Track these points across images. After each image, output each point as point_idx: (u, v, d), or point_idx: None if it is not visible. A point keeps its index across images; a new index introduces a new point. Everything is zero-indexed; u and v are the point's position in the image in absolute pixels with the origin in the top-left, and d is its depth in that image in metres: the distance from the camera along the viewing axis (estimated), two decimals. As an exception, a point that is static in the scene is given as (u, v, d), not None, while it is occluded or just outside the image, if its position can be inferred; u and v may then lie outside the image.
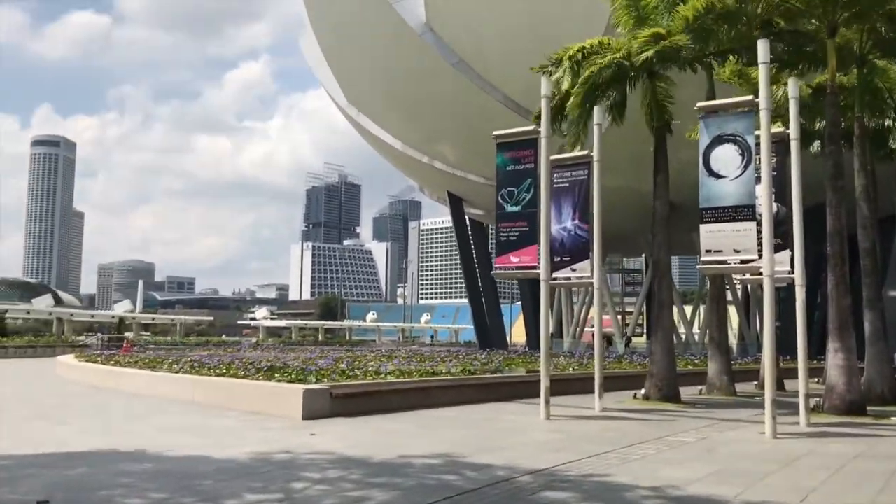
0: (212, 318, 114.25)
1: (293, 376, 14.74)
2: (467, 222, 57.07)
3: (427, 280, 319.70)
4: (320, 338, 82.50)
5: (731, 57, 17.44)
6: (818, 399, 15.69)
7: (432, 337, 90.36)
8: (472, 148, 45.31)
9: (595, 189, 16.00)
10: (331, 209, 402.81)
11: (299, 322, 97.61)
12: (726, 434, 12.13)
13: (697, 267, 12.49)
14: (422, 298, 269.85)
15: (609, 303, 64.60)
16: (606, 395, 19.00)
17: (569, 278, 16.12)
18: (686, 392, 20.79)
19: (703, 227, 12.50)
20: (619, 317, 69.11)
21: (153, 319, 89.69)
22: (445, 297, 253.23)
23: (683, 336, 63.03)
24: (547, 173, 14.00)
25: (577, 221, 15.97)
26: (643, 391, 17.67)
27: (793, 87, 14.00)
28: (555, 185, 16.38)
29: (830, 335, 15.60)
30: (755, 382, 23.82)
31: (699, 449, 10.36)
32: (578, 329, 66.08)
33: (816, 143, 24.05)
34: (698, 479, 7.85)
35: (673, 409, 16.02)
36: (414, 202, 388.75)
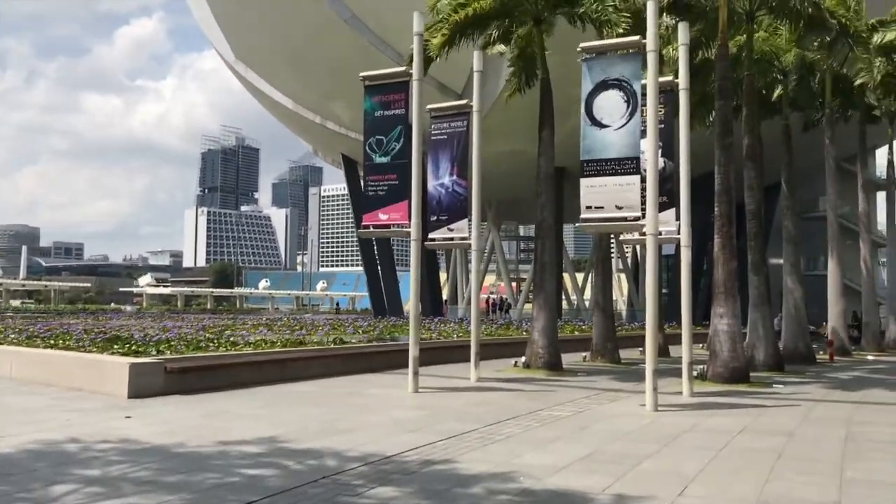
0: (89, 285, 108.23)
1: (129, 348, 12.92)
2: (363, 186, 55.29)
3: (329, 248, 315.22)
4: (209, 306, 79.23)
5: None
6: (703, 366, 15.07)
7: (338, 305, 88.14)
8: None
9: (475, 142, 14.72)
10: (228, 173, 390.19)
11: (187, 289, 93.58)
12: (605, 407, 11.16)
13: (577, 225, 11.41)
14: (323, 266, 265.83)
15: (503, 269, 64.36)
16: (490, 363, 18.00)
17: (447, 239, 14.84)
18: (570, 359, 19.99)
19: (584, 181, 11.37)
20: (514, 284, 69.20)
21: (23, 286, 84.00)
22: (348, 265, 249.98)
23: (575, 303, 63.55)
24: (420, 120, 12.57)
25: (455, 177, 14.67)
26: (524, 359, 16.68)
27: (683, 34, 13.03)
28: (432, 137, 15.02)
29: (715, 299, 14.94)
30: (641, 349, 23.34)
31: (573, 426, 9.28)
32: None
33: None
34: (564, 467, 6.69)
35: (553, 378, 15.07)
36: (315, 168, 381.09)
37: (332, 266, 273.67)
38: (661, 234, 12.90)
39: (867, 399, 12.39)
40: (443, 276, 75.31)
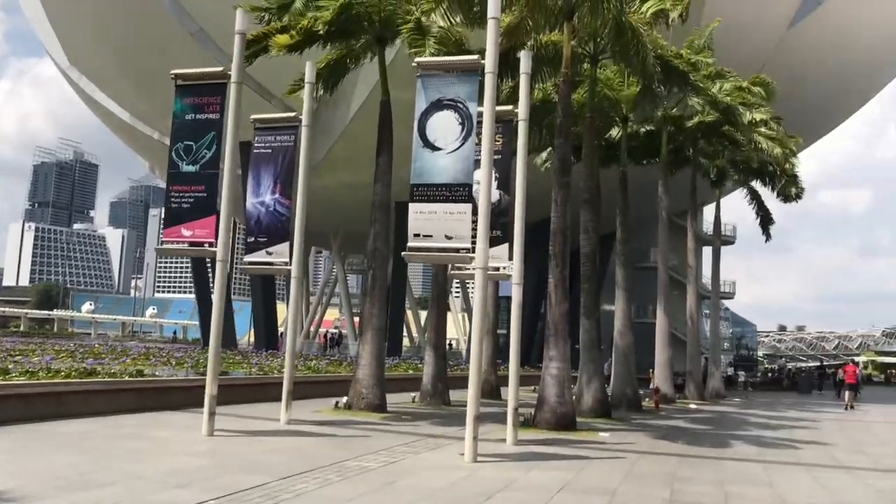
0: None
1: None
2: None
3: (167, 273, 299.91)
4: (23, 328, 72.25)
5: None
6: (531, 411, 14.42)
7: (175, 334, 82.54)
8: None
9: (302, 158, 13.50)
10: (62, 188, 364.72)
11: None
12: (421, 457, 10.10)
13: (403, 254, 10.45)
14: (160, 292, 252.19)
15: (346, 303, 62.81)
16: (312, 402, 16.62)
17: (265, 263, 13.46)
18: (399, 399, 18.96)
19: (413, 207, 10.43)
20: (358, 319, 67.76)
21: None
22: (187, 292, 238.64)
23: (417, 340, 62.86)
24: (235, 127, 11.22)
25: (277, 196, 13.37)
26: (345, 399, 15.43)
27: (525, 63, 12.50)
28: (255, 151, 13.68)
29: (546, 342, 14.38)
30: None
31: (378, 480, 8.14)
32: (314, 327, 63.62)
33: (545, 154, 23.66)
34: (348, 536, 5.53)
35: (374, 422, 13.90)
36: (158, 188, 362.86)
37: (170, 292, 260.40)
38: (494, 269, 12.16)
39: (689, 452, 12.05)
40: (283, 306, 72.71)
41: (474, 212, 10.27)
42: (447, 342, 65.98)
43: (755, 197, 32.85)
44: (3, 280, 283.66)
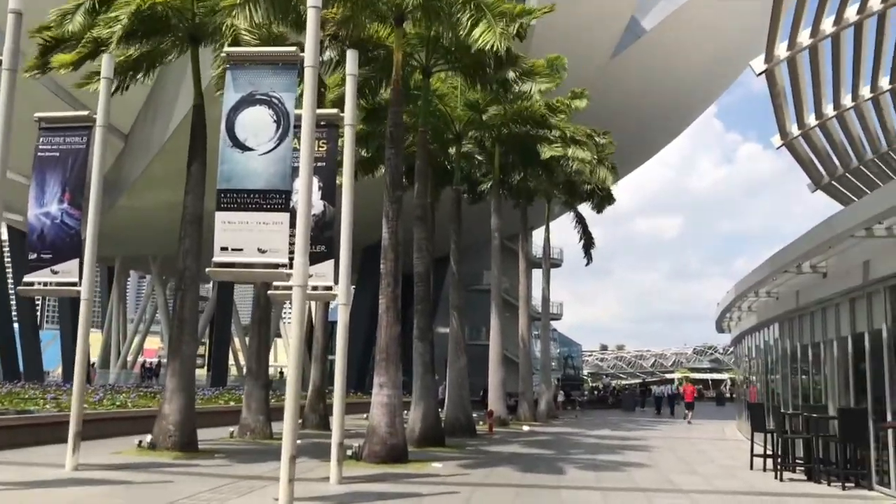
0: None
1: None
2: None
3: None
4: None
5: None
6: (361, 442, 13.30)
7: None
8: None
9: (95, 162, 11.75)
10: None
11: None
12: (229, 504, 8.72)
13: (207, 270, 9.09)
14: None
15: (167, 330, 58.82)
16: (115, 441, 14.62)
17: (48, 284, 11.53)
18: (216, 434, 17.24)
19: (220, 217, 9.11)
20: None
21: None
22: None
23: (245, 369, 59.78)
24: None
25: (66, 206, 11.55)
26: (150, 438, 13.62)
27: (351, 63, 11.51)
28: (39, 154, 11.80)
29: (376, 367, 13.39)
30: (300, 420, 21.21)
31: (167, 540, 6.73)
32: (132, 356, 59.04)
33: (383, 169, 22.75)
34: None
35: (181, 463, 12.24)
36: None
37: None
38: (316, 288, 10.98)
39: (526, 481, 11.36)
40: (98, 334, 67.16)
41: (293, 223, 9.09)
42: (279, 370, 63.51)
43: (580, 220, 33.66)
44: None
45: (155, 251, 52.31)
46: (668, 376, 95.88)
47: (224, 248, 9.06)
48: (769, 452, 13.01)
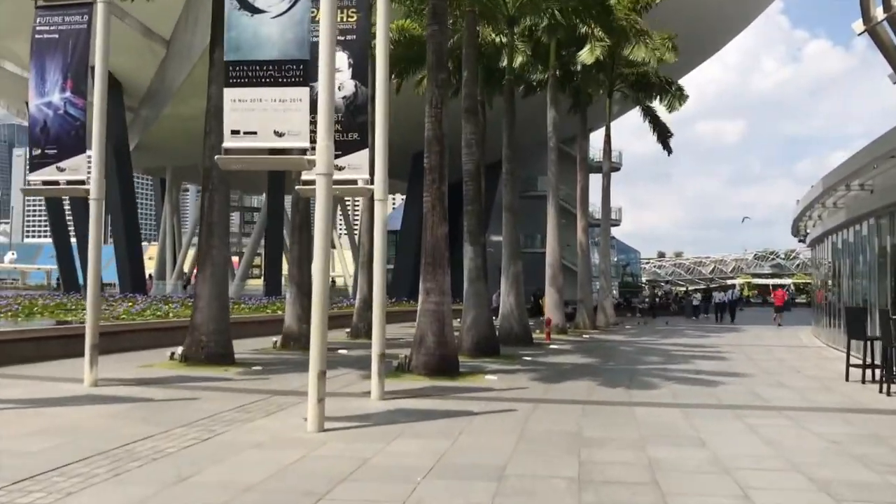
0: None
1: None
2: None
3: (37, 216, 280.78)
4: None
5: None
6: (407, 354, 12.18)
7: (59, 281, 75.12)
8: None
9: (99, 45, 10.37)
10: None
11: None
12: (253, 426, 7.61)
13: (217, 157, 7.76)
14: (34, 236, 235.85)
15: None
16: (151, 353, 13.82)
17: (54, 182, 10.39)
18: (259, 345, 16.41)
19: (229, 94, 7.70)
20: (237, 258, 63.82)
21: None
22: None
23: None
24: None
25: (68, 94, 10.26)
26: (181, 349, 12.71)
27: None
28: (36, 36, 10.47)
29: (423, 272, 12.06)
30: (347, 330, 20.30)
31: (168, 473, 5.61)
32: (189, 268, 59.28)
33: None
34: None
35: (212, 377, 11.24)
36: (22, 127, 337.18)
37: (40, 237, 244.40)
38: (350, 182, 9.59)
39: (593, 397, 10.05)
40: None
41: (313, 100, 7.63)
42: (331, 279, 63.29)
43: (650, 113, 31.32)
44: None
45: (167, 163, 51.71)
46: (730, 282, 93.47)
47: (235, 132, 7.68)
48: (869, 362, 11.45)
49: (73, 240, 49.90)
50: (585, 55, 21.95)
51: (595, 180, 34.79)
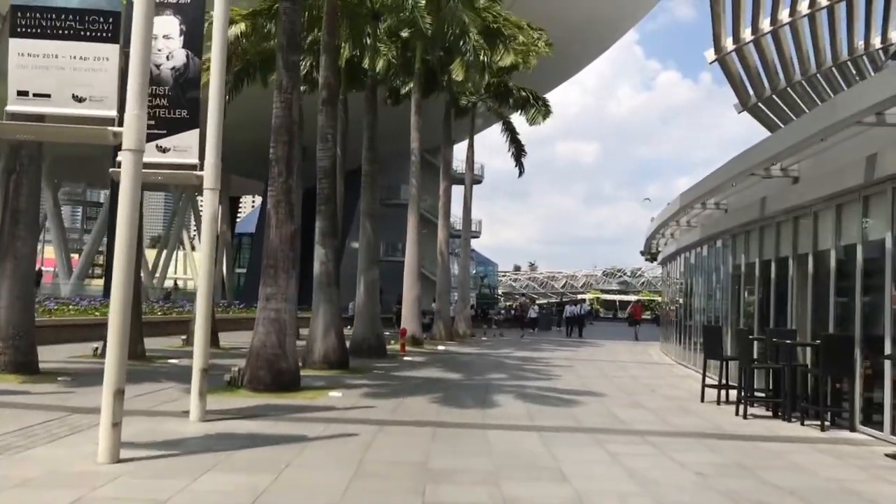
0: None
1: None
2: None
3: None
4: None
5: None
6: (241, 367, 10.87)
7: None
8: None
9: None
10: None
11: None
12: (24, 456, 6.17)
13: (-5, 122, 6.33)
14: None
15: (57, 238, 54.51)
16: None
17: None
18: (79, 351, 14.62)
19: (15, 46, 6.26)
20: (77, 256, 59.48)
21: None
22: None
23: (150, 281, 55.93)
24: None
25: None
26: (-26, 358, 10.83)
27: None
28: None
29: (262, 276, 10.82)
30: (184, 337, 18.56)
31: None
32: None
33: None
34: None
35: (4, 389, 9.54)
36: None
37: None
38: (180, 167, 8.27)
39: (445, 418, 9.15)
40: None
41: (124, 63, 6.32)
42: (174, 281, 59.78)
43: (509, 128, 31.25)
44: None
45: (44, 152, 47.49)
46: (580, 297, 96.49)
47: (22, 93, 6.25)
48: (724, 383, 11.23)
49: None
50: (457, 69, 21.18)
51: (457, 192, 34.43)
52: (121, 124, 6.14)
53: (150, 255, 61.89)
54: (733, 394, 10.86)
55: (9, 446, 6.42)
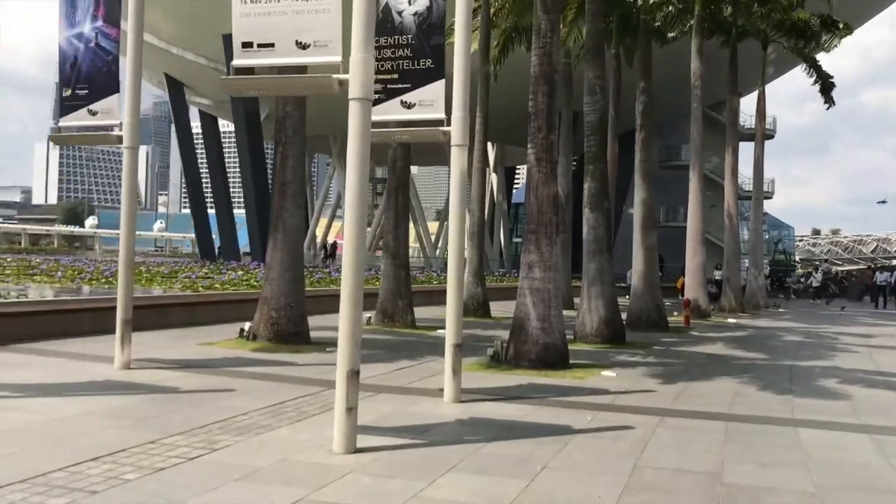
0: None
1: None
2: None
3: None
4: (24, 244, 68.88)
5: None
6: (505, 340, 10.02)
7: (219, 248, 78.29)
8: (191, 20, 36.34)
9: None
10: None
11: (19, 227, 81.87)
12: (262, 440, 5.71)
13: (222, 78, 5.88)
14: (188, 208, 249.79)
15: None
16: (222, 328, 12.33)
17: (85, 128, 8.89)
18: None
19: (239, -7, 5.73)
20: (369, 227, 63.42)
21: None
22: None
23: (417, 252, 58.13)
24: None
25: (100, 23, 8.68)
26: (248, 325, 11.12)
27: None
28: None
29: (524, 242, 9.84)
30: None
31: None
32: (319, 239, 59.29)
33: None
34: None
35: (271, 359, 9.55)
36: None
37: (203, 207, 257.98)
38: (426, 123, 7.48)
39: (741, 411, 7.51)
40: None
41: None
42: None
43: (809, 61, 27.26)
44: (32, 199, 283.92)
45: (335, 131, 51.07)
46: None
47: (247, 45, 5.72)
48: None
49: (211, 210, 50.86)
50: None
51: (745, 149, 31.03)
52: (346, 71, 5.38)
53: (433, 228, 64.69)
54: None
55: (252, 426, 6.03)
